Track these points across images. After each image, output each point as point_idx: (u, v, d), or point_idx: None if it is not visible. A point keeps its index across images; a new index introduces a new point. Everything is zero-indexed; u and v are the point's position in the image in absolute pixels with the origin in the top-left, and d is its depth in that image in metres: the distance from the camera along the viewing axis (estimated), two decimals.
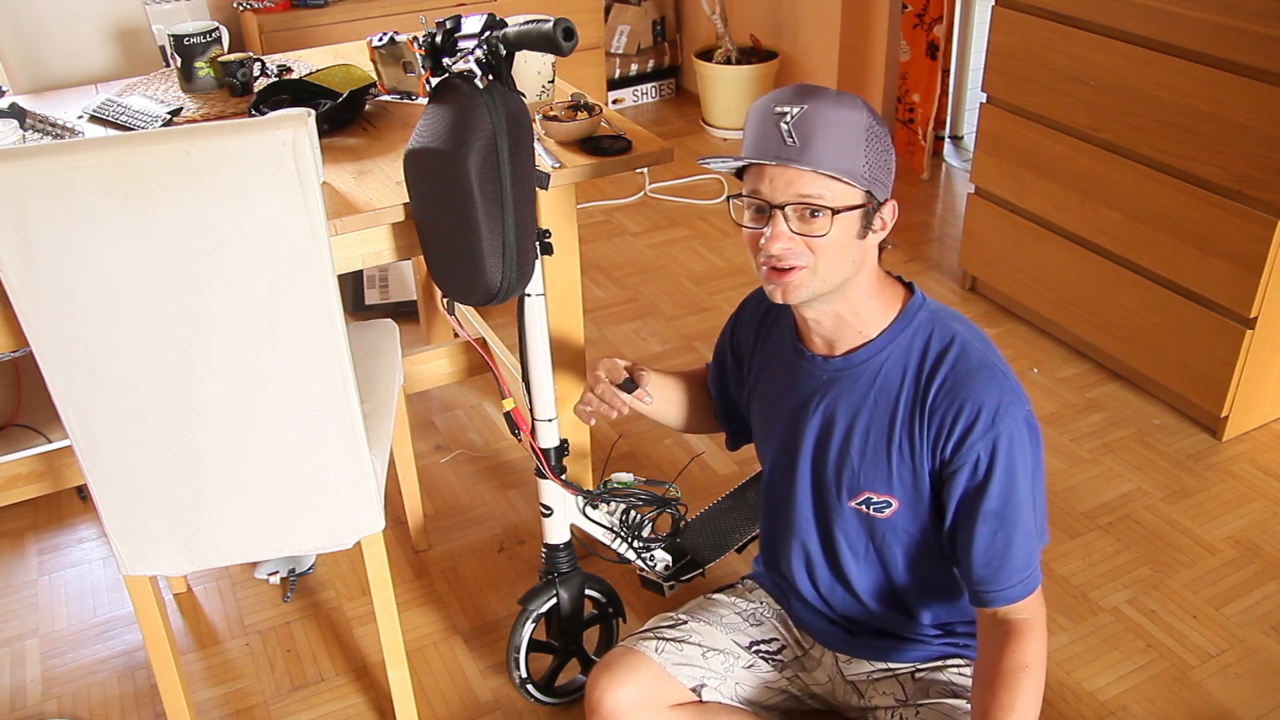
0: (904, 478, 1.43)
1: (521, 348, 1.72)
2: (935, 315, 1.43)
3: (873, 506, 1.47)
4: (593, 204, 3.79)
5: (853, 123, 1.30)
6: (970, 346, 1.39)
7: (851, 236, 1.33)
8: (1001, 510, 1.36)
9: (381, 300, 3.08)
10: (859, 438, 1.44)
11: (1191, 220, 2.37)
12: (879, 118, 1.34)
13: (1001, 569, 1.37)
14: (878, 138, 1.32)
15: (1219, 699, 1.88)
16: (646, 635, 1.61)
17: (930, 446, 1.39)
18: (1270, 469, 2.41)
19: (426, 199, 1.57)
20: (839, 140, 1.28)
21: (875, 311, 1.42)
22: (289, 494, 1.57)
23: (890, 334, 1.42)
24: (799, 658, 1.65)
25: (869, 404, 1.43)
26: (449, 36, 1.52)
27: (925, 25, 3.73)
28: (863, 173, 1.30)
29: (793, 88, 1.33)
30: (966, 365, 1.37)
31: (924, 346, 1.40)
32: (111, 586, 2.20)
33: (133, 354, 1.40)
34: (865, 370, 1.43)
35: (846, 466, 1.46)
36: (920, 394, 1.39)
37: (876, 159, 1.32)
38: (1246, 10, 2.14)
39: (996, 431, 1.34)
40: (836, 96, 1.31)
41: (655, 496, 1.85)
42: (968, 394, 1.35)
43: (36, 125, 1.96)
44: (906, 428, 1.40)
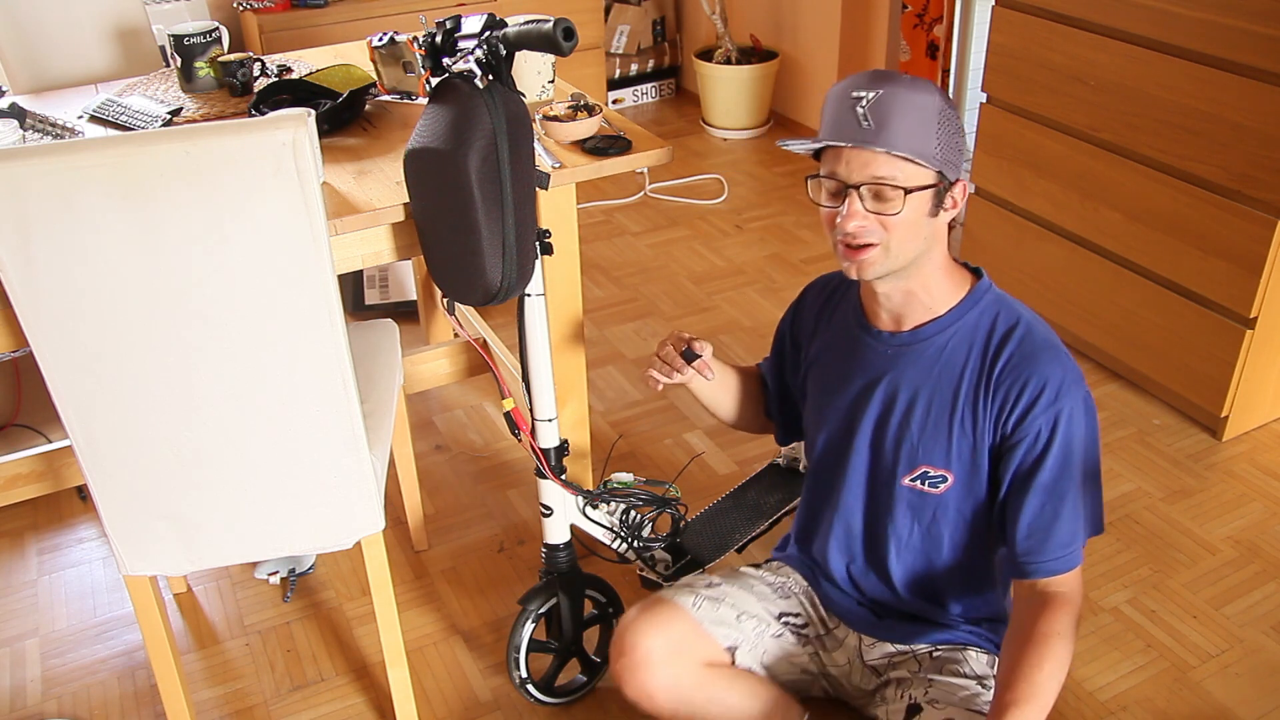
0: (963, 452, 1.46)
1: (521, 348, 1.72)
2: (1002, 298, 1.48)
3: (928, 481, 1.50)
4: (593, 204, 3.79)
5: (926, 106, 1.34)
6: (1035, 326, 1.45)
7: (923, 215, 1.38)
8: (1053, 484, 1.40)
9: (381, 300, 3.08)
10: (920, 410, 1.48)
11: (1191, 220, 2.37)
12: (950, 101, 1.38)
13: (1046, 541, 1.41)
14: (949, 120, 1.37)
15: (1219, 699, 1.88)
16: (683, 589, 1.61)
17: (994, 420, 1.43)
18: (1270, 469, 2.41)
19: (426, 199, 1.57)
20: (912, 123, 1.34)
21: (945, 289, 1.47)
22: (289, 494, 1.57)
23: (958, 311, 1.47)
24: (822, 636, 1.67)
25: (933, 377, 1.47)
26: (449, 36, 1.52)
27: (925, 25, 3.73)
28: (935, 154, 1.35)
29: (869, 73, 1.38)
30: (1032, 343, 1.42)
31: (991, 324, 1.45)
32: (111, 586, 2.20)
33: (133, 354, 1.40)
34: (932, 345, 1.47)
35: (906, 439, 1.50)
36: (986, 368, 1.43)
37: (948, 141, 1.37)
38: (1246, 10, 2.14)
39: (1058, 407, 1.39)
40: (911, 82, 1.36)
41: (655, 496, 1.85)
42: (1033, 370, 1.40)
43: (36, 125, 1.96)
44: (970, 401, 1.44)
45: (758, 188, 3.88)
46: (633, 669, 1.53)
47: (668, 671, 1.52)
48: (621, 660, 1.54)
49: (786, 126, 4.39)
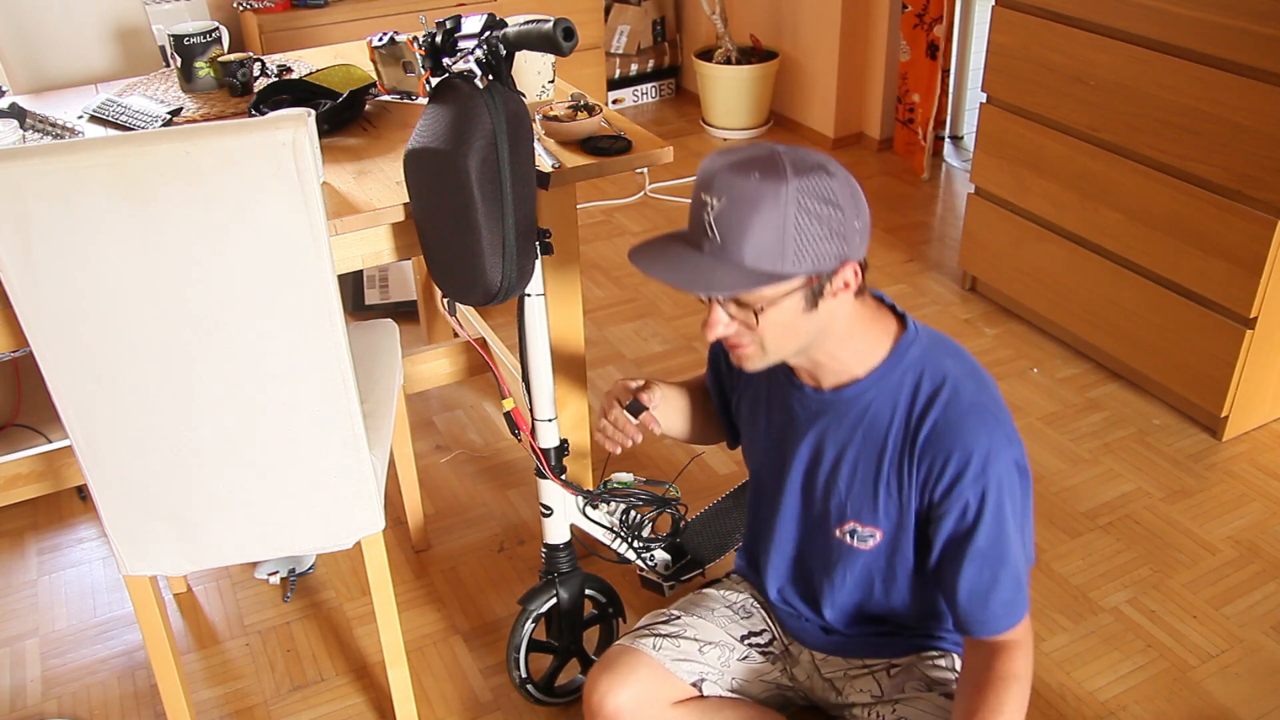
0: (890, 512, 1.42)
1: (521, 348, 1.72)
2: (927, 352, 1.38)
3: (857, 537, 1.46)
4: (593, 204, 3.79)
5: (774, 213, 1.21)
6: (962, 388, 1.35)
7: (797, 314, 1.28)
8: (988, 550, 1.35)
9: (381, 300, 3.08)
10: (847, 468, 1.43)
11: (1191, 220, 2.37)
12: (823, 176, 1.23)
13: (987, 604, 1.36)
14: (812, 214, 1.22)
15: (1219, 699, 1.88)
16: (642, 633, 1.60)
17: (918, 488, 1.37)
18: (1270, 469, 2.41)
19: (426, 199, 1.57)
20: (761, 238, 1.21)
21: (859, 353, 1.37)
22: (289, 494, 1.57)
23: (880, 373, 1.38)
24: (784, 652, 1.66)
25: (857, 438, 1.41)
26: (449, 36, 1.52)
27: (925, 25, 3.73)
28: (791, 263, 1.23)
29: (726, 162, 1.25)
30: (957, 409, 1.33)
31: (914, 386, 1.36)
32: (111, 586, 2.20)
33: (133, 354, 1.40)
34: (854, 405, 1.40)
35: (834, 494, 1.45)
36: (909, 436, 1.36)
37: (812, 239, 1.23)
38: (1246, 10, 2.14)
39: (986, 479, 1.32)
40: (763, 174, 1.22)
41: (655, 496, 1.85)
42: (957, 440, 1.32)
43: (36, 125, 1.96)
44: (895, 466, 1.38)
45: None
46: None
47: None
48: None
49: (786, 126, 4.39)
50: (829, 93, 4.10)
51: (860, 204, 1.26)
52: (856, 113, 4.17)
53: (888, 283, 3.22)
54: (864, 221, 1.27)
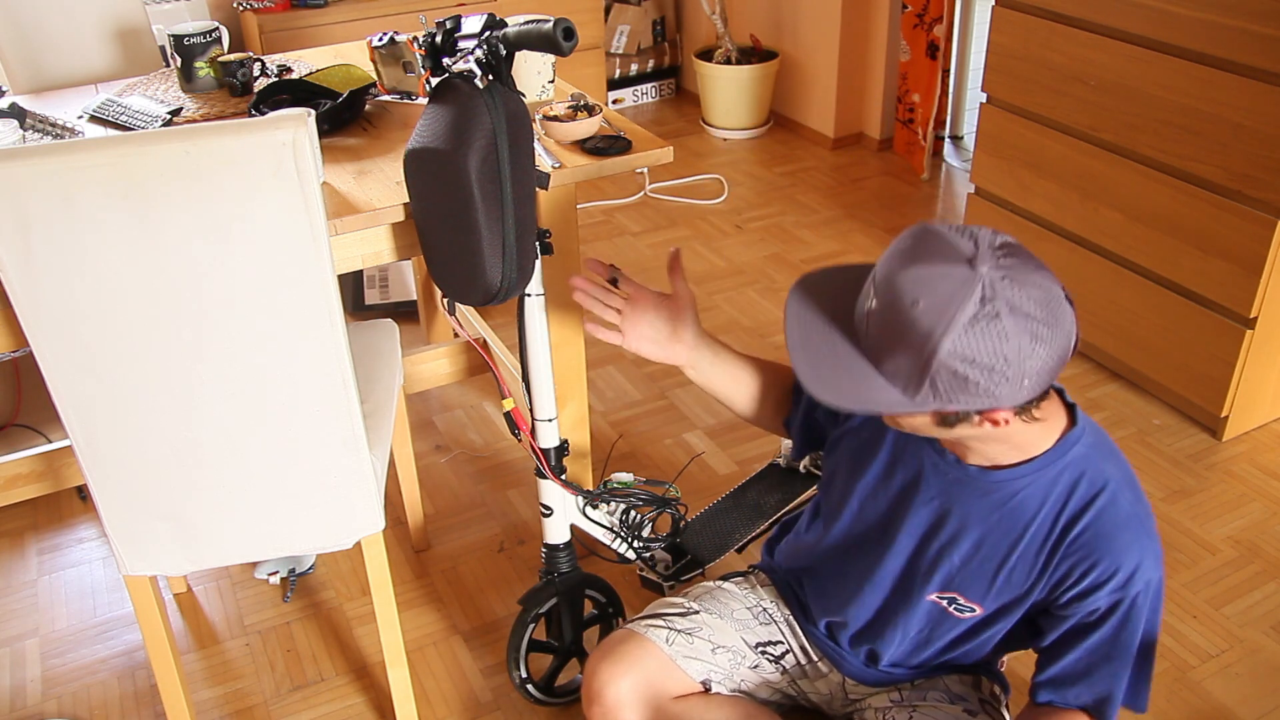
0: (1002, 596, 1.36)
1: (521, 348, 1.72)
2: (1090, 452, 1.29)
3: (955, 606, 1.40)
4: (593, 204, 3.79)
5: (914, 354, 1.10)
6: (1120, 497, 1.27)
7: (929, 425, 1.20)
8: (1098, 647, 1.31)
9: (381, 300, 3.08)
10: (968, 545, 1.35)
11: (1191, 220, 2.37)
12: (998, 329, 1.08)
13: (1074, 686, 1.33)
14: (955, 372, 1.10)
15: (1219, 699, 1.88)
16: (655, 623, 1.55)
17: (1050, 586, 1.32)
18: (1270, 469, 2.41)
19: (426, 199, 1.57)
20: (894, 365, 1.13)
21: (1024, 448, 1.27)
22: (289, 494, 1.57)
23: (1039, 464, 1.27)
24: (802, 665, 1.61)
25: (993, 520, 1.32)
26: (449, 36, 1.52)
27: (925, 25, 3.73)
28: (920, 402, 1.14)
29: (908, 265, 1.11)
30: (1113, 519, 1.26)
31: (1071, 485, 1.28)
32: (111, 586, 2.20)
33: (133, 354, 1.40)
34: (1001, 489, 1.30)
35: (945, 564, 1.38)
36: (1056, 533, 1.29)
37: (948, 390, 1.12)
38: (1246, 10, 2.14)
39: (1124, 593, 1.26)
40: (926, 306, 1.09)
41: (655, 496, 1.85)
42: (1106, 551, 1.26)
43: (36, 125, 1.96)
44: (1027, 560, 1.32)
45: (758, 188, 3.88)
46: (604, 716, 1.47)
47: (639, 714, 1.48)
48: (592, 708, 1.48)
49: (787, 126, 4.39)
50: (829, 93, 4.10)
51: (1045, 362, 1.12)
52: (856, 113, 4.17)
53: None
54: (1042, 377, 1.13)
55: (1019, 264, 1.11)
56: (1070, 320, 1.13)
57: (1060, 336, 1.12)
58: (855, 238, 3.50)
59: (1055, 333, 1.11)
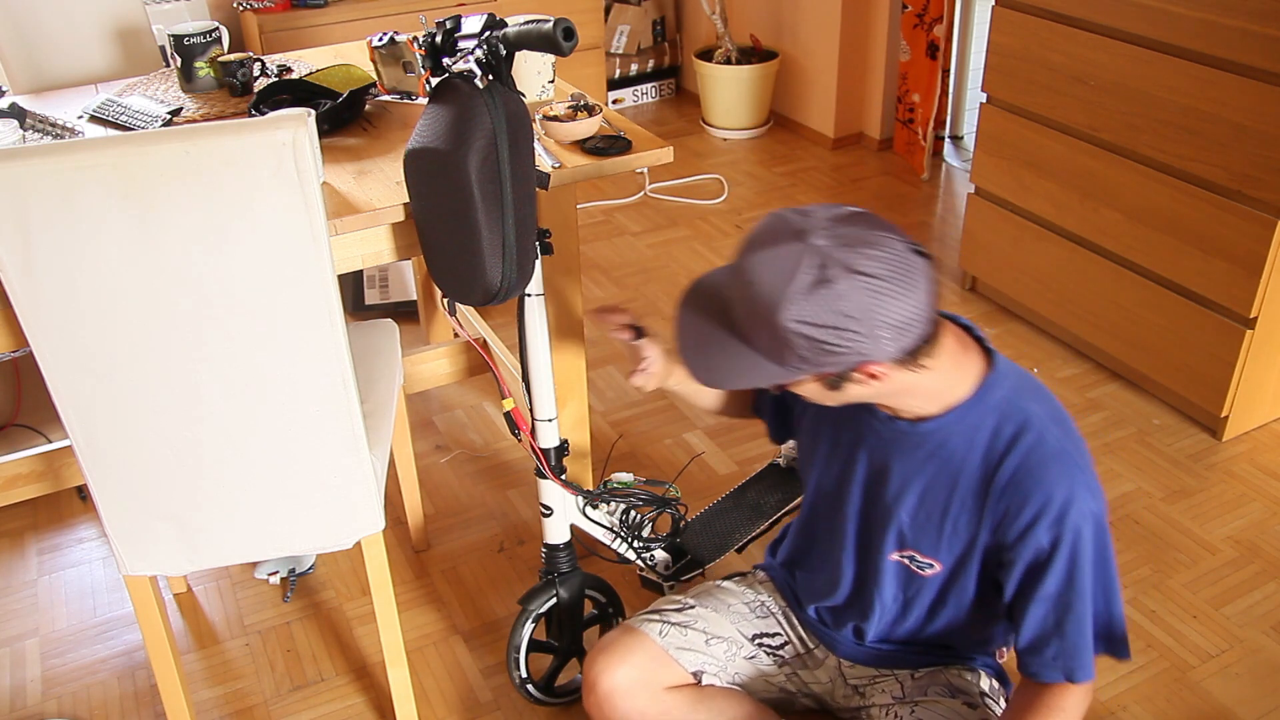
0: (953, 547, 1.40)
1: (521, 348, 1.72)
2: (1012, 393, 1.34)
3: (915, 564, 1.44)
4: (593, 204, 3.79)
5: (769, 330, 1.20)
6: (1046, 432, 1.31)
7: (823, 392, 1.28)
8: (1057, 595, 1.33)
9: (381, 300, 3.08)
10: (912, 499, 1.40)
11: (1191, 220, 2.37)
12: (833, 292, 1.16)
13: (1047, 646, 1.35)
14: (810, 338, 1.18)
15: (1219, 699, 1.88)
16: (651, 617, 1.60)
17: (991, 528, 1.35)
18: (1270, 469, 2.41)
19: (426, 199, 1.57)
20: (762, 344, 1.22)
21: (935, 396, 1.33)
22: (289, 494, 1.57)
23: (961, 411, 1.33)
24: (801, 655, 1.65)
25: (928, 471, 1.37)
26: (449, 36, 1.52)
27: (925, 25, 3.73)
28: (794, 370, 1.23)
29: (752, 253, 1.22)
30: (1039, 454, 1.30)
31: (996, 427, 1.32)
32: (111, 586, 2.20)
33: (133, 354, 1.40)
34: (930, 439, 1.36)
35: (894, 522, 1.42)
36: (987, 476, 1.33)
37: (812, 353, 1.19)
38: (1246, 10, 2.14)
39: (1062, 527, 1.29)
40: (770, 285, 1.18)
41: (655, 496, 1.85)
42: (1036, 485, 1.30)
43: (36, 125, 1.96)
44: (966, 506, 1.36)
45: (758, 188, 3.88)
46: (599, 704, 1.53)
47: (633, 703, 1.51)
48: (589, 697, 1.53)
49: (787, 126, 4.39)
50: (829, 93, 4.10)
51: (896, 309, 1.18)
52: (856, 113, 4.17)
53: None
54: (901, 324, 1.19)
55: (857, 230, 1.19)
56: (922, 270, 1.20)
57: (908, 287, 1.18)
58: None
59: (900, 285, 1.17)
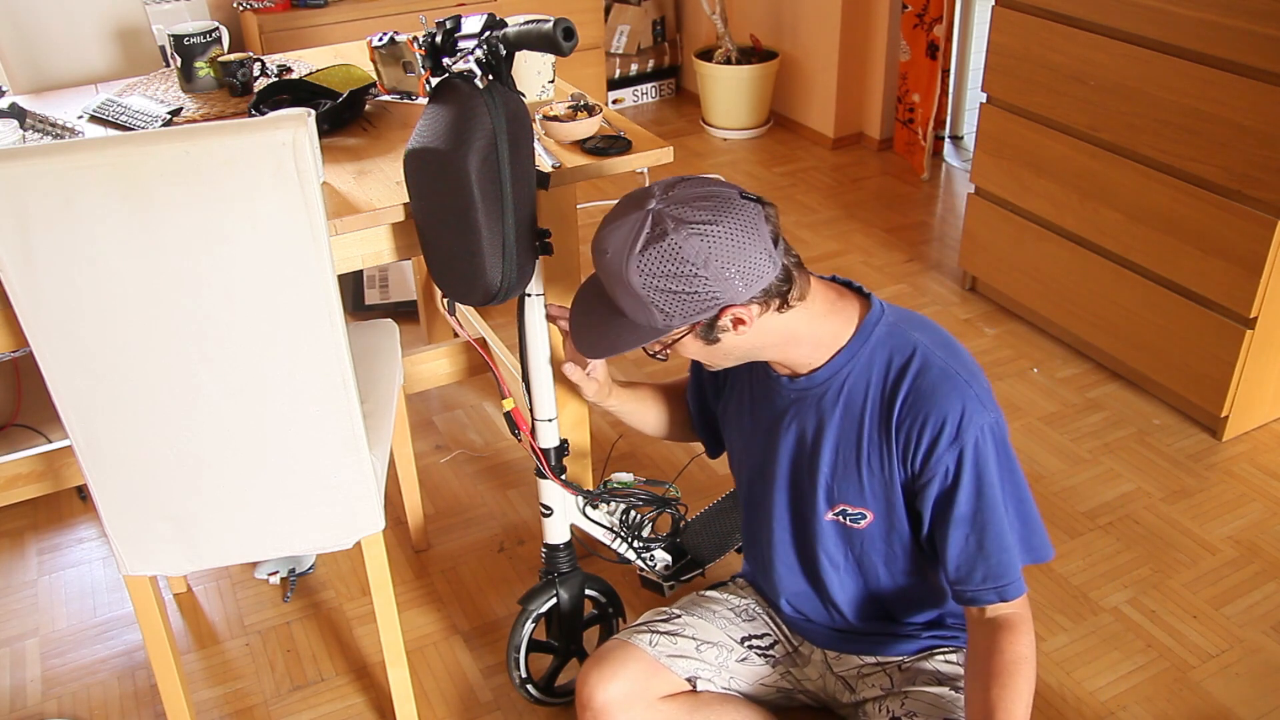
0: (876, 490, 1.43)
1: (521, 348, 1.72)
2: (894, 327, 1.41)
3: (849, 517, 1.48)
4: (593, 204, 3.79)
5: (625, 287, 1.30)
6: (931, 357, 1.37)
7: (702, 346, 1.36)
8: (971, 515, 1.36)
9: (381, 300, 3.08)
10: (829, 451, 1.45)
11: (1191, 220, 2.37)
12: (672, 244, 1.25)
13: (974, 571, 1.38)
14: (661, 288, 1.27)
15: (1219, 699, 1.88)
16: (640, 629, 1.61)
17: (900, 461, 1.40)
18: (1270, 469, 2.41)
19: (426, 199, 1.57)
20: (626, 304, 1.32)
21: (820, 343, 1.41)
22: (289, 494, 1.57)
23: (848, 352, 1.41)
24: (790, 653, 1.66)
25: (835, 419, 1.43)
26: (449, 36, 1.52)
27: (925, 25, 3.73)
28: (661, 322, 1.31)
29: (603, 226, 1.33)
30: (928, 378, 1.36)
31: (886, 361, 1.39)
32: (111, 586, 2.20)
33: (133, 354, 1.40)
34: (828, 387, 1.43)
35: (820, 479, 1.47)
36: (884, 410, 1.39)
37: (670, 302, 1.28)
38: (1246, 10, 2.14)
39: (962, 442, 1.34)
40: (614, 251, 1.29)
41: (655, 496, 1.85)
42: (930, 407, 1.35)
43: (36, 125, 1.96)
44: (874, 443, 1.41)
45: (758, 187, 3.88)
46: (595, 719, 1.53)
47: (630, 716, 1.52)
48: (584, 714, 1.53)
49: (786, 126, 4.39)
50: (829, 93, 4.10)
51: (735, 251, 1.26)
52: (856, 113, 4.17)
53: (888, 283, 3.22)
54: (746, 265, 1.27)
55: (688, 189, 1.28)
56: (755, 213, 1.27)
57: (742, 230, 1.26)
58: (855, 238, 3.50)
59: (733, 228, 1.25)
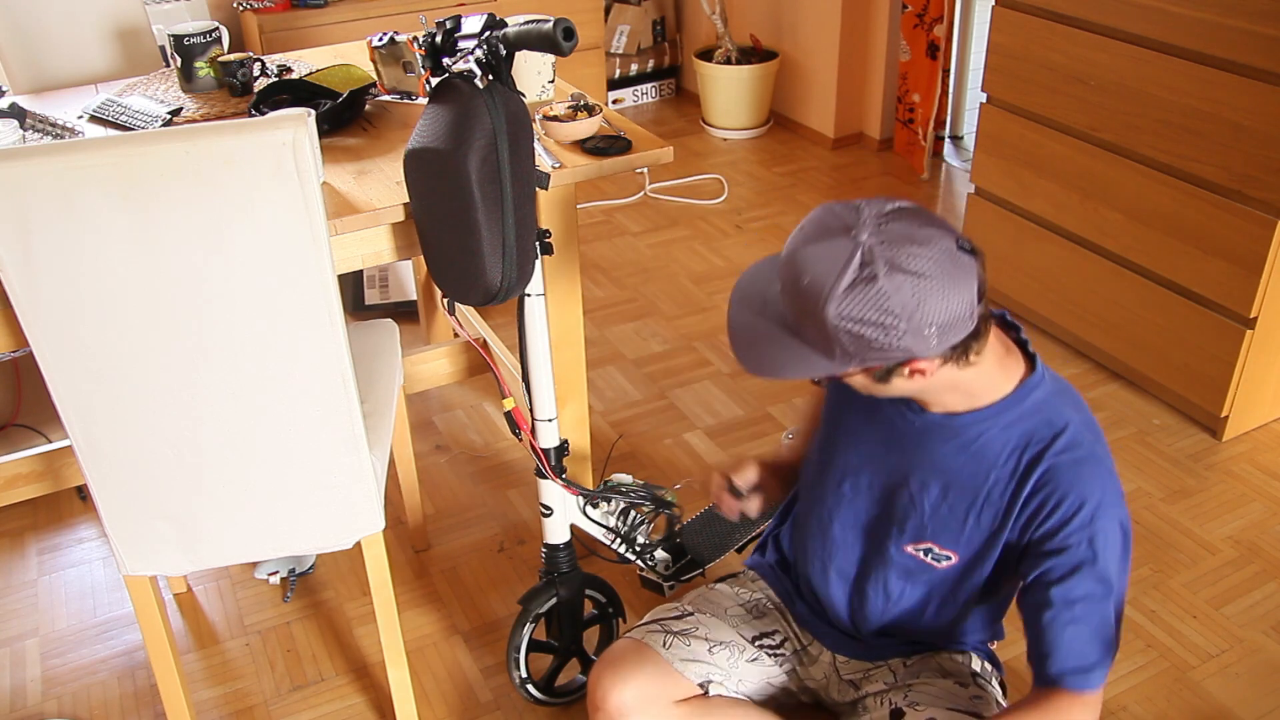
0: (973, 540, 1.40)
1: (521, 348, 1.72)
2: (1051, 397, 1.35)
3: (932, 555, 1.44)
4: (593, 204, 3.79)
5: (816, 325, 1.21)
6: (1081, 437, 1.33)
7: (870, 383, 1.29)
8: (1077, 599, 1.32)
9: (381, 300, 3.08)
10: (936, 492, 1.40)
11: (1191, 220, 2.37)
12: (879, 288, 1.16)
13: (1055, 650, 1.34)
14: (854, 334, 1.19)
15: (1219, 699, 1.88)
16: (652, 628, 1.58)
17: (1020, 526, 1.35)
18: (1270, 469, 2.41)
19: (426, 199, 1.57)
20: (810, 335, 1.23)
21: (980, 392, 1.33)
22: (289, 494, 1.57)
23: (999, 409, 1.34)
24: (798, 651, 1.65)
25: (957, 465, 1.37)
26: (449, 36, 1.52)
27: (925, 25, 3.73)
28: (840, 364, 1.23)
29: (795, 245, 1.23)
30: (1074, 456, 1.32)
31: (1033, 428, 1.34)
32: (111, 586, 2.20)
33: (133, 354, 1.40)
34: (963, 433, 1.36)
35: (915, 515, 1.42)
36: (1020, 475, 1.34)
37: (860, 349, 1.20)
38: (1246, 10, 2.14)
39: (1093, 530, 1.30)
40: (812, 281, 1.19)
41: (655, 496, 1.85)
42: (1071, 486, 1.31)
43: (36, 125, 1.96)
44: (993, 502, 1.36)
45: (758, 188, 3.88)
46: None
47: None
48: (596, 715, 1.51)
49: (786, 126, 4.39)
50: (829, 93, 4.10)
51: (942, 308, 1.18)
52: (856, 113, 4.17)
53: None
54: (947, 323, 1.19)
55: (905, 226, 1.19)
56: (970, 268, 1.19)
57: (954, 286, 1.18)
58: None
59: (947, 284, 1.17)
